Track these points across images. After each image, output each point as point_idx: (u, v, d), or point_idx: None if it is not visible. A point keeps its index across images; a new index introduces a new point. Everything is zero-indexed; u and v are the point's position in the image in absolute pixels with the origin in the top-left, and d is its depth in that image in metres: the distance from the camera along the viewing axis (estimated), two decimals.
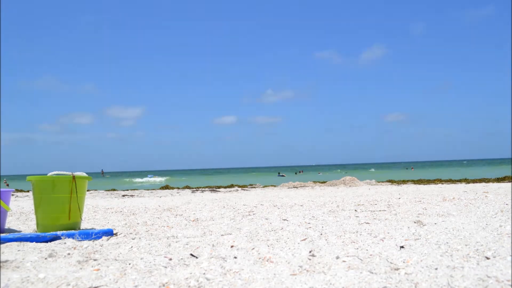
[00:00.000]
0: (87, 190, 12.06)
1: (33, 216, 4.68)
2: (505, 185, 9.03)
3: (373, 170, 59.63)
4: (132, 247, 2.58)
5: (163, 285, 1.73)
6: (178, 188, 13.77)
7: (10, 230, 3.52)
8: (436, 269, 1.84)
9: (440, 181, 13.29)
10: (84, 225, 3.86)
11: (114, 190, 13.66)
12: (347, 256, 2.17)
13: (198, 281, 1.77)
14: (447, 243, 2.41)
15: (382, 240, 2.61)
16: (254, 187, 13.50)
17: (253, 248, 2.46)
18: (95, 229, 3.19)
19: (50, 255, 2.30)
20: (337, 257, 2.16)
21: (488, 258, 2.00)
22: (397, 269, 1.88)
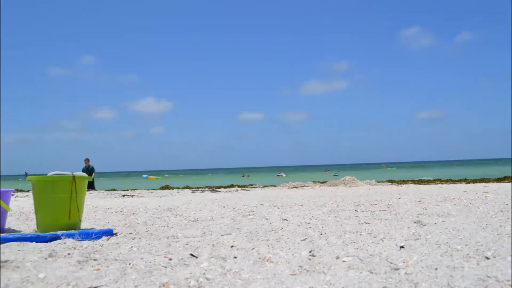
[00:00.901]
0: (87, 190, 12.07)
1: (33, 216, 4.68)
2: (505, 185, 9.03)
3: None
4: (132, 247, 2.58)
5: (163, 285, 1.73)
6: (178, 188, 13.77)
7: (10, 230, 3.52)
8: (436, 269, 1.84)
9: (440, 181, 13.29)
10: (84, 225, 3.86)
11: (114, 190, 13.67)
12: (347, 256, 2.17)
13: (198, 281, 1.77)
14: (447, 243, 2.41)
15: (382, 240, 2.61)
16: (254, 187, 13.50)
17: (253, 248, 2.46)
18: (95, 229, 3.19)
19: (50, 255, 2.30)
20: (337, 257, 2.16)
21: (488, 258, 2.00)
22: (397, 269, 1.88)
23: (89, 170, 14.41)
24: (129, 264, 2.10)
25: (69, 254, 2.37)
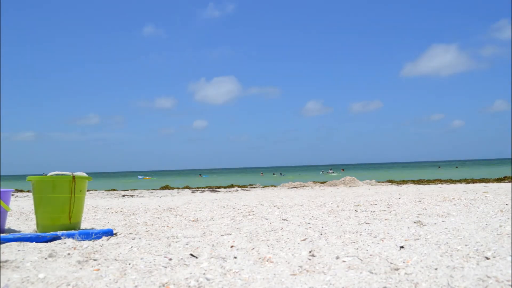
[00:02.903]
0: (87, 190, 12.07)
1: (33, 216, 4.68)
2: (505, 185, 9.03)
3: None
4: (132, 247, 2.58)
5: (163, 285, 1.73)
6: (178, 188, 13.78)
7: (10, 230, 3.52)
8: (436, 269, 1.84)
9: (440, 181, 13.30)
10: (84, 225, 3.86)
11: (114, 190, 13.67)
12: (347, 256, 2.17)
13: (198, 281, 1.77)
14: (447, 243, 2.41)
15: (382, 240, 2.61)
16: (254, 187, 13.51)
17: (253, 248, 2.46)
18: (95, 229, 3.19)
19: (50, 255, 2.30)
20: (337, 257, 2.16)
21: (488, 258, 2.00)
22: (397, 269, 1.88)
23: None
24: (129, 264, 2.10)
25: (69, 254, 2.37)
